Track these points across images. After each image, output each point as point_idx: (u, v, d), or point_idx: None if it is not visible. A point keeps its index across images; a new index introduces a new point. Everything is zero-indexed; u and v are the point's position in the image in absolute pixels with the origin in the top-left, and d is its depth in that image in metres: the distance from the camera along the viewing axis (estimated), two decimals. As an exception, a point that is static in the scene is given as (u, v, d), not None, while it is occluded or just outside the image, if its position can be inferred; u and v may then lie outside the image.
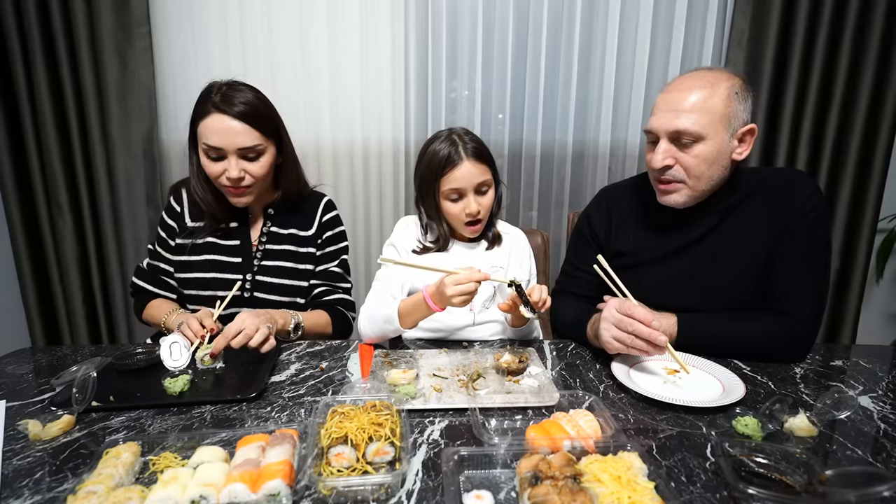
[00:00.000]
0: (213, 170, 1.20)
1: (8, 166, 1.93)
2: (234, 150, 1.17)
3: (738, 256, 1.14)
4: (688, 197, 1.11)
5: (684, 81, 1.08)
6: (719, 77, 1.06)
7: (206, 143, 1.17)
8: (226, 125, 1.16)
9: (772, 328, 1.09)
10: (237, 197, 1.24)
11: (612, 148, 2.10)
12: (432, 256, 1.30)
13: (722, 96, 1.04)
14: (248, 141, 1.18)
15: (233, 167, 1.18)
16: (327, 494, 0.65)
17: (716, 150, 1.06)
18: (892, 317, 2.34)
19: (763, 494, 0.62)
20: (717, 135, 1.05)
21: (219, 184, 1.22)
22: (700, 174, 1.08)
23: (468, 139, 1.22)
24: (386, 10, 1.91)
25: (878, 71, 1.93)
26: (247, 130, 1.18)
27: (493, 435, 0.80)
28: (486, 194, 1.24)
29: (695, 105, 1.04)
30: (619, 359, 1.04)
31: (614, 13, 1.97)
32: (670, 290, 1.18)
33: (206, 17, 1.89)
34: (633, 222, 1.26)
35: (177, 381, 0.92)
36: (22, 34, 1.84)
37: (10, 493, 0.66)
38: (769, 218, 1.12)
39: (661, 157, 1.08)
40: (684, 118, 1.04)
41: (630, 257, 1.24)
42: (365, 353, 1.10)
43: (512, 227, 1.42)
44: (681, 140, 1.06)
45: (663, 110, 1.08)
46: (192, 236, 1.29)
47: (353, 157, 2.04)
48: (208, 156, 1.19)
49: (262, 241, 1.32)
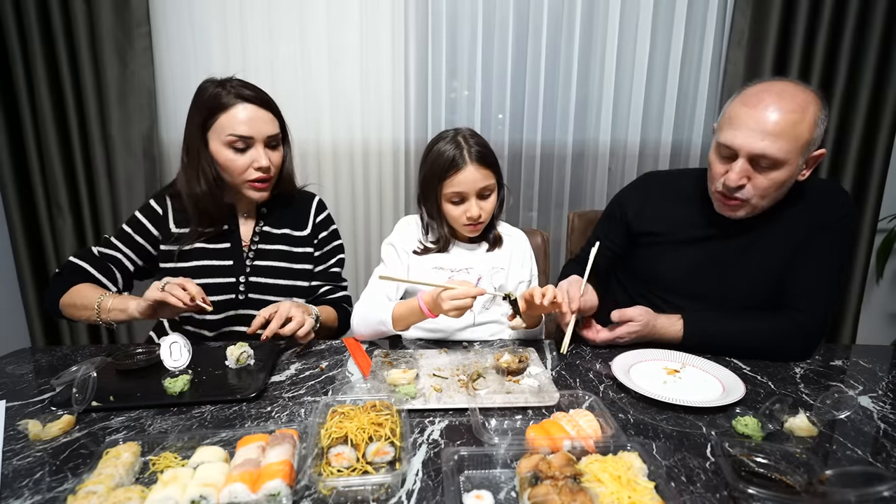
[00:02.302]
0: (240, 163, 1.18)
1: (8, 166, 1.93)
2: (263, 137, 1.18)
3: (767, 257, 1.15)
4: (747, 213, 1.11)
5: (774, 99, 1.00)
6: (808, 100, 1.00)
7: (235, 133, 1.15)
8: (255, 114, 1.16)
9: (780, 324, 1.10)
10: (261, 192, 1.22)
11: (612, 148, 2.10)
12: (433, 257, 1.30)
13: (809, 123, 1.00)
14: (273, 128, 1.20)
15: (262, 156, 1.17)
16: (327, 494, 0.65)
17: (790, 174, 1.03)
18: (892, 317, 2.34)
19: (763, 494, 0.62)
20: (796, 160, 1.02)
21: (242, 180, 1.20)
22: (768, 195, 1.06)
23: (473, 142, 1.20)
24: (386, 10, 1.91)
25: (878, 71, 1.93)
26: (270, 118, 1.20)
27: (493, 435, 0.80)
28: (488, 198, 1.23)
29: (783, 130, 0.98)
30: (619, 359, 1.04)
31: (614, 13, 1.97)
32: (693, 277, 1.21)
33: (206, 17, 1.89)
34: (671, 209, 1.26)
35: (177, 381, 0.92)
36: (22, 34, 1.84)
37: (10, 493, 0.66)
38: (804, 222, 1.13)
39: (737, 177, 1.04)
40: (771, 142, 0.99)
41: (659, 237, 1.25)
42: (352, 346, 1.13)
43: (513, 229, 1.41)
44: (759, 162, 1.02)
45: (750, 128, 1.00)
46: (179, 242, 1.24)
47: (353, 157, 2.04)
48: (235, 148, 1.17)
49: (254, 241, 1.29)
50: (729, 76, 1.96)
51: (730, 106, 1.07)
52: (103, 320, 1.13)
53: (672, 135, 2.08)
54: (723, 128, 1.07)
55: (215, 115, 1.16)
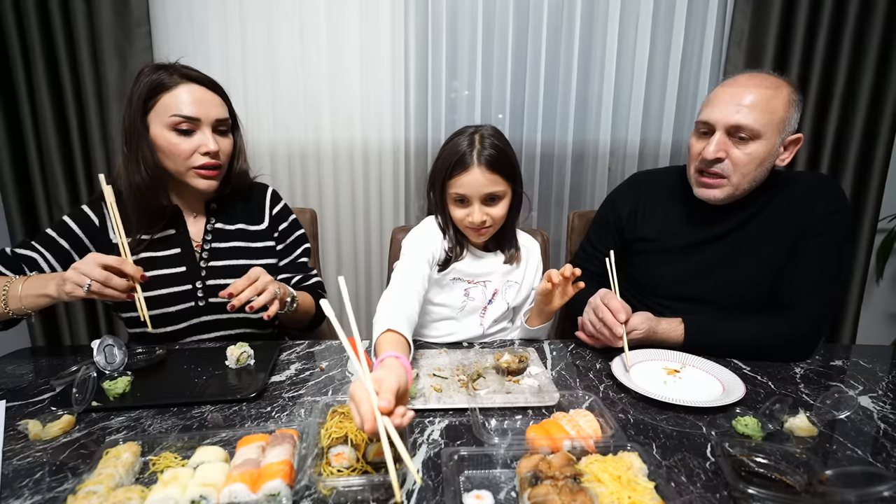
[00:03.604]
0: (184, 147, 1.07)
1: (8, 166, 1.93)
2: (211, 120, 1.09)
3: (759, 255, 1.15)
4: (727, 194, 1.12)
5: (748, 79, 1.09)
6: (781, 82, 1.08)
7: (179, 114, 1.06)
8: (201, 95, 1.09)
9: (777, 326, 1.10)
10: (208, 180, 1.13)
11: (612, 148, 2.10)
12: (452, 267, 1.23)
13: (783, 100, 1.06)
14: (222, 112, 1.12)
15: (210, 139, 1.09)
16: (327, 494, 0.65)
17: (767, 151, 1.07)
18: (892, 317, 2.34)
19: (763, 494, 0.62)
20: (772, 137, 1.06)
21: (187, 166, 1.10)
22: (747, 172, 1.09)
23: (488, 143, 1.13)
24: (386, 10, 1.91)
25: (878, 71, 1.93)
26: (219, 102, 1.12)
27: (493, 435, 0.80)
28: (496, 205, 1.16)
29: (758, 103, 1.05)
30: (619, 359, 1.04)
31: (614, 13, 1.97)
32: (688, 281, 1.21)
33: (206, 17, 1.89)
34: (662, 210, 1.27)
35: (117, 384, 0.91)
36: (22, 34, 1.83)
37: (10, 493, 0.66)
38: (792, 219, 1.13)
39: (714, 149, 1.08)
40: (746, 113, 1.05)
41: (653, 243, 1.26)
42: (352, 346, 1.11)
43: (529, 238, 1.36)
44: (737, 135, 1.07)
45: (725, 102, 1.08)
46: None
47: (353, 158, 2.04)
48: (178, 130, 1.07)
49: (206, 241, 1.20)
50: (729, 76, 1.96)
51: (711, 93, 1.14)
52: (15, 312, 0.99)
53: (672, 135, 2.08)
54: (702, 110, 1.13)
55: (156, 95, 1.06)
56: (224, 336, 1.23)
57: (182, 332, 1.19)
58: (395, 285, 1.10)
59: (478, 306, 1.27)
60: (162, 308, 1.15)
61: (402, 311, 0.98)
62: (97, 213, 1.16)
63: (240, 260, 1.22)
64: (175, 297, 1.16)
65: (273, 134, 1.98)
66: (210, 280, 1.19)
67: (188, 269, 1.18)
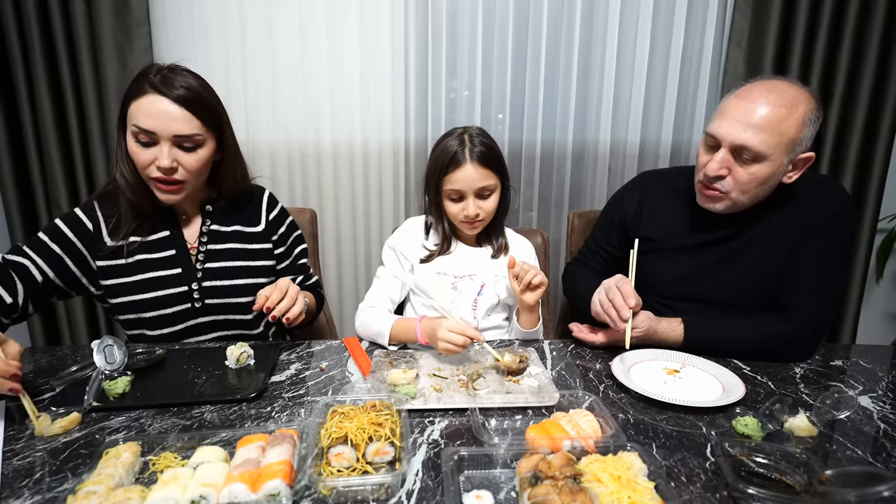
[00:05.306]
0: (142, 157, 1.06)
1: (8, 166, 1.93)
2: (169, 136, 1.05)
3: (763, 256, 1.15)
4: (726, 208, 1.11)
5: (764, 93, 1.01)
6: (800, 98, 1.00)
7: (137, 125, 1.03)
8: (162, 108, 1.03)
9: (778, 327, 1.10)
10: (166, 194, 1.10)
11: (612, 148, 2.10)
12: (436, 262, 1.30)
13: (797, 120, 0.99)
14: (185, 128, 1.06)
15: (164, 155, 1.05)
16: (327, 494, 0.65)
17: (771, 171, 1.03)
18: (892, 317, 2.34)
19: (763, 494, 0.62)
20: (779, 158, 1.02)
21: (146, 176, 1.08)
22: (747, 190, 1.06)
23: (478, 141, 1.20)
24: (386, 10, 1.91)
25: (878, 71, 1.93)
26: (186, 117, 1.05)
27: (493, 435, 0.80)
28: (488, 198, 1.24)
29: (768, 123, 0.99)
30: (619, 358, 1.04)
31: (614, 13, 1.97)
32: (691, 281, 1.21)
33: (206, 18, 1.89)
34: (668, 210, 1.27)
35: (117, 383, 0.91)
36: (22, 34, 1.83)
37: (10, 493, 0.66)
38: (796, 221, 1.13)
39: (716, 167, 1.05)
40: (753, 135, 0.99)
41: (657, 243, 1.25)
42: (352, 346, 1.13)
43: (518, 237, 1.42)
44: (741, 154, 1.03)
45: (735, 119, 1.02)
46: (120, 255, 1.13)
47: (353, 158, 2.04)
48: (138, 140, 1.05)
49: (202, 243, 1.20)
50: (729, 76, 1.96)
51: (724, 99, 1.09)
52: None
53: (672, 135, 2.07)
54: (713, 119, 1.09)
55: (129, 101, 1.06)
56: (222, 337, 1.24)
57: (179, 334, 1.19)
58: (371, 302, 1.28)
59: (467, 298, 1.29)
60: (158, 310, 1.15)
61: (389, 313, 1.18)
62: (90, 216, 1.15)
63: (236, 261, 1.22)
64: (171, 299, 1.16)
65: (273, 134, 1.98)
66: (206, 282, 1.18)
67: (183, 270, 1.17)
